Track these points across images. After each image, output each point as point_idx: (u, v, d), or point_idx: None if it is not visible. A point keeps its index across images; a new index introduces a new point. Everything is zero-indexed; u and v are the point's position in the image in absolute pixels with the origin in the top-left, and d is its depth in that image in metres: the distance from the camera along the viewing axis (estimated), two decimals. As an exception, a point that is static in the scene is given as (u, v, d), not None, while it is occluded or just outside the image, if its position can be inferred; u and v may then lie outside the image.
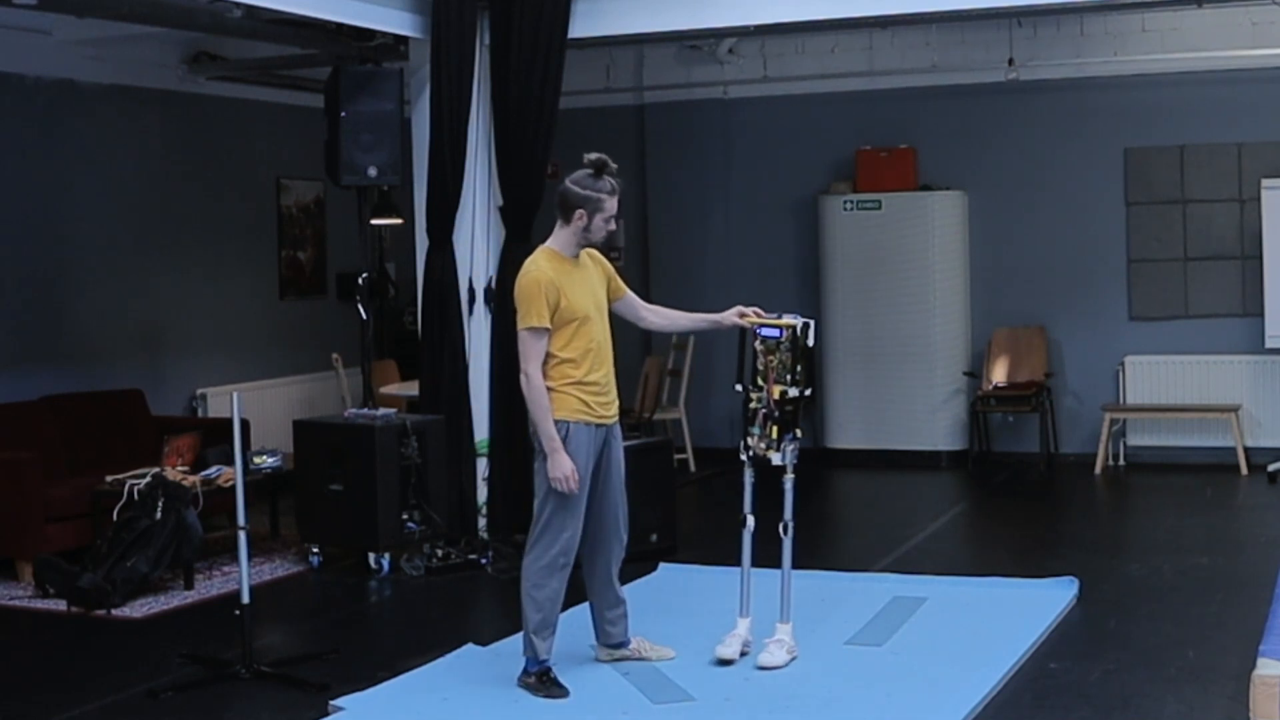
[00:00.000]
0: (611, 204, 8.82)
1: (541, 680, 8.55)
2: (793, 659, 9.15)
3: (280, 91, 16.36)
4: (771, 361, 9.21)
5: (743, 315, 9.28)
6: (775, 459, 9.19)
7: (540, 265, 8.58)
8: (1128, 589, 11.11)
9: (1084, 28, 16.56)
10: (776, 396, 9.20)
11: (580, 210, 8.69)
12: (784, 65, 17.71)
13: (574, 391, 8.57)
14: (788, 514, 9.24)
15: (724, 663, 9.08)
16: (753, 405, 9.30)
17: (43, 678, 9.58)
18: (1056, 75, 16.87)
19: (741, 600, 9.33)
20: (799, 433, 9.30)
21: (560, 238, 8.77)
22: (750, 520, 9.34)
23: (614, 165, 8.88)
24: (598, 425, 8.67)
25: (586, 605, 9.19)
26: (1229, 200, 16.39)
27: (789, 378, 9.17)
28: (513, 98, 12.99)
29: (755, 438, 9.28)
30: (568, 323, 8.57)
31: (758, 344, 9.25)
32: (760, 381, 9.26)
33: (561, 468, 8.40)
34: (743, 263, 17.84)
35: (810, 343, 9.28)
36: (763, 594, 9.63)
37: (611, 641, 9.15)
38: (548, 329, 8.49)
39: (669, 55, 17.97)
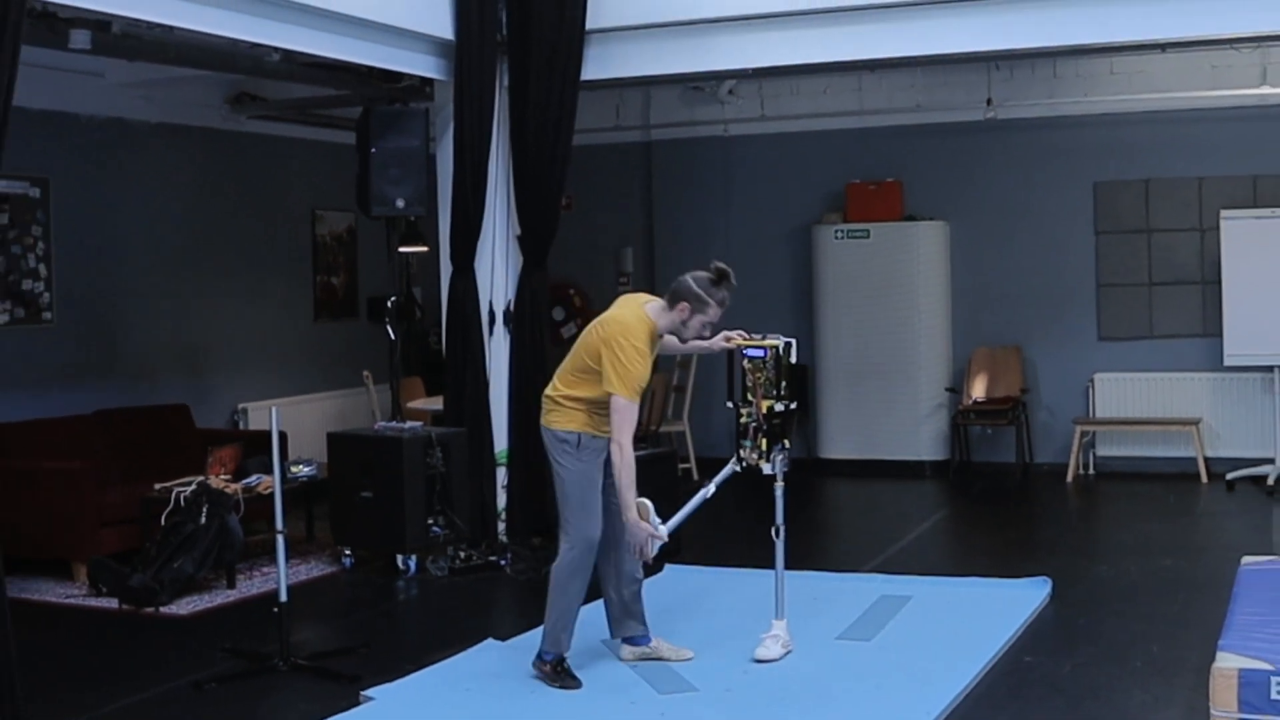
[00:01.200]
0: (715, 313, 8.86)
1: (556, 670, 8.54)
2: (787, 653, 9.15)
3: (315, 129, 16.36)
4: (759, 379, 9.19)
5: (729, 339, 9.27)
6: (766, 469, 9.18)
7: (644, 341, 8.57)
8: (1097, 589, 11.11)
9: (1057, 70, 16.57)
10: (764, 411, 9.19)
11: (685, 304, 8.71)
12: (780, 105, 17.72)
13: (586, 410, 8.58)
14: (779, 519, 9.24)
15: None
16: (743, 420, 9.30)
17: (96, 670, 9.58)
18: (1031, 114, 16.87)
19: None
20: (787, 444, 9.30)
21: (663, 317, 8.77)
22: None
23: (734, 280, 8.95)
24: (604, 438, 8.62)
25: (598, 605, 9.20)
26: (1190, 230, 16.38)
27: (775, 393, 9.18)
28: (530, 135, 13.01)
29: (747, 449, 9.27)
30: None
31: (745, 363, 9.23)
32: (749, 397, 9.25)
33: (638, 536, 8.45)
34: (742, 287, 17.61)
35: (793, 360, 9.32)
36: (759, 592, 9.65)
37: (629, 635, 9.11)
38: (640, 399, 8.56)
39: (674, 96, 17.97)
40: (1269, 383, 15.82)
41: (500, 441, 13.21)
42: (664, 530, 8.70)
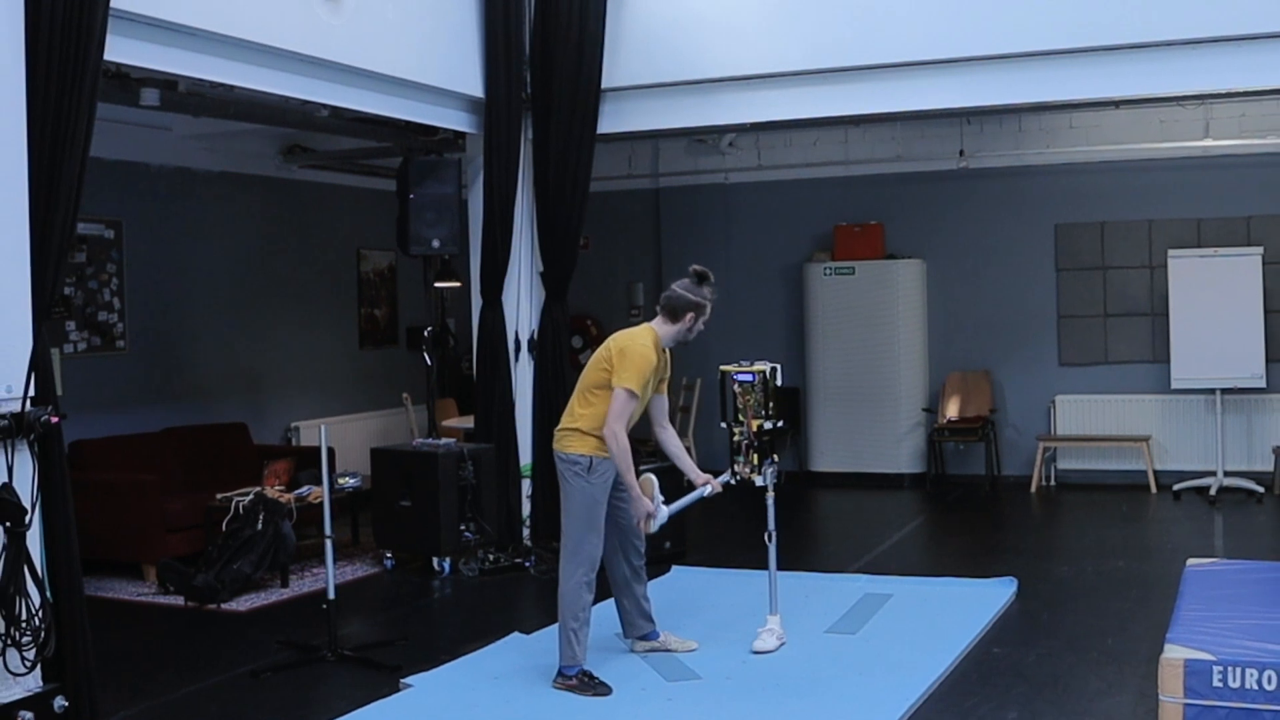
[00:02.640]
0: (709, 309, 8.87)
1: (584, 681, 8.39)
2: (781, 644, 9.16)
3: (359, 177, 16.38)
4: (748, 401, 9.29)
5: (710, 484, 9.04)
6: (758, 481, 9.24)
7: (650, 347, 8.53)
8: (1058, 587, 11.09)
9: (1021, 124, 16.58)
10: (755, 429, 9.28)
11: (691, 313, 8.71)
12: (774, 156, 17.73)
13: (598, 432, 8.51)
14: (770, 525, 9.25)
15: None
16: (736, 438, 9.37)
17: (164, 660, 9.59)
18: (999, 164, 16.86)
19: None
20: (776, 458, 9.36)
21: (665, 331, 8.73)
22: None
23: (712, 277, 8.95)
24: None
25: (608, 601, 9.23)
26: (1141, 267, 16.38)
27: (764, 413, 9.28)
28: (551, 183, 13.03)
29: (740, 464, 9.34)
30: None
31: (736, 387, 9.33)
32: (740, 418, 9.34)
33: (641, 511, 8.52)
34: (741, 319, 17.83)
35: (779, 384, 9.42)
36: (756, 591, 9.66)
37: (641, 633, 9.11)
38: (639, 398, 8.51)
39: (679, 148, 17.98)
40: (1211, 404, 15.80)
41: (525, 456, 13.21)
42: (664, 511, 8.73)
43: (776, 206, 17.96)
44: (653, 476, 8.80)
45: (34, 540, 7.83)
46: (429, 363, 13.22)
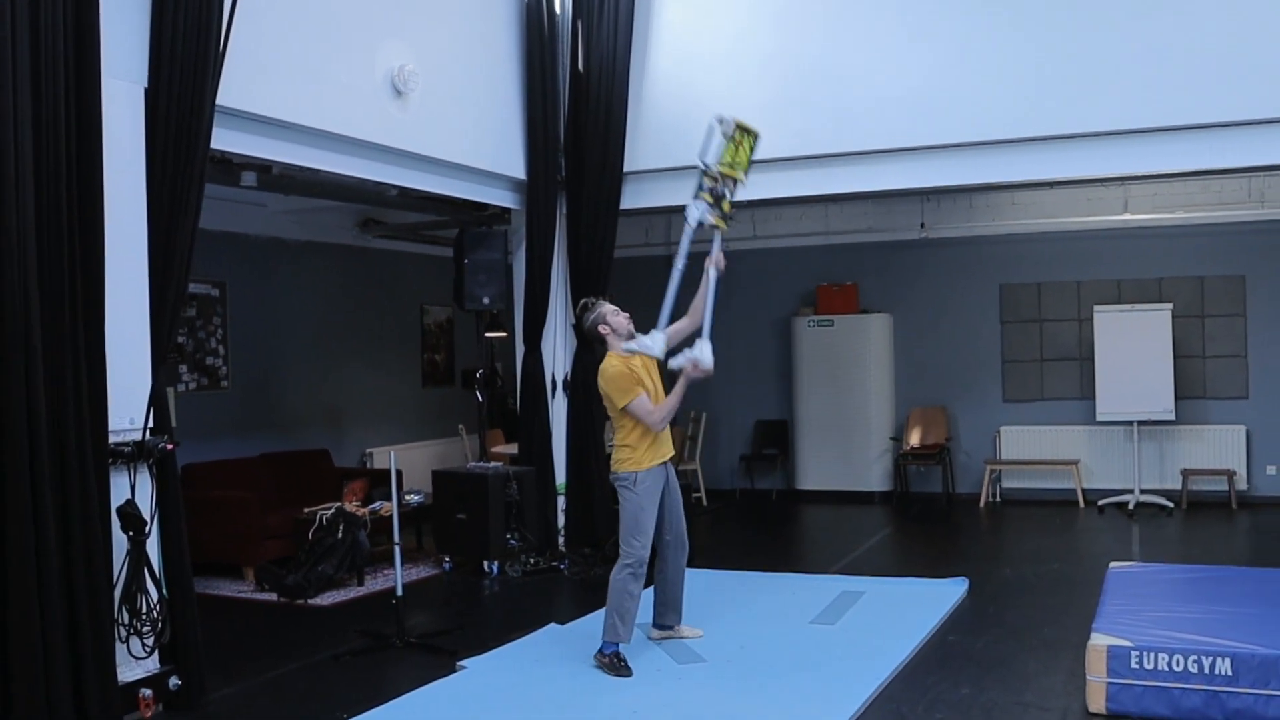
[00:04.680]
0: (603, 307, 8.87)
1: (614, 662, 8.35)
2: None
3: (422, 245, 16.40)
4: (739, 156, 9.15)
5: (715, 267, 9.28)
6: (721, 224, 9.21)
7: (616, 366, 8.49)
8: (1002, 586, 11.05)
9: (972, 202, 16.57)
10: (734, 177, 9.15)
11: (601, 325, 8.73)
12: (767, 227, 17.71)
13: (634, 446, 8.48)
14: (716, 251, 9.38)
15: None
16: (711, 184, 9.07)
17: (260, 646, 9.58)
18: (954, 234, 16.86)
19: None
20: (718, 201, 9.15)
21: (614, 346, 8.69)
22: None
23: (587, 301, 9.00)
24: (660, 465, 8.57)
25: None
26: (1071, 320, 16.36)
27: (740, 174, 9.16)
28: (581, 250, 13.05)
29: (711, 211, 9.15)
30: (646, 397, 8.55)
31: (734, 133, 9.08)
32: (721, 167, 9.05)
33: (692, 373, 8.38)
34: (740, 363, 17.80)
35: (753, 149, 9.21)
36: (752, 588, 9.61)
37: (665, 623, 9.05)
38: (644, 394, 8.48)
39: (688, 220, 17.99)
40: (1129, 433, 15.76)
41: (560, 476, 13.17)
42: (701, 346, 8.49)
43: (768, 269, 17.94)
44: (696, 354, 8.46)
45: (153, 546, 7.85)
46: (480, 399, 13.22)
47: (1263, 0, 11.01)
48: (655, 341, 8.64)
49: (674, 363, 8.45)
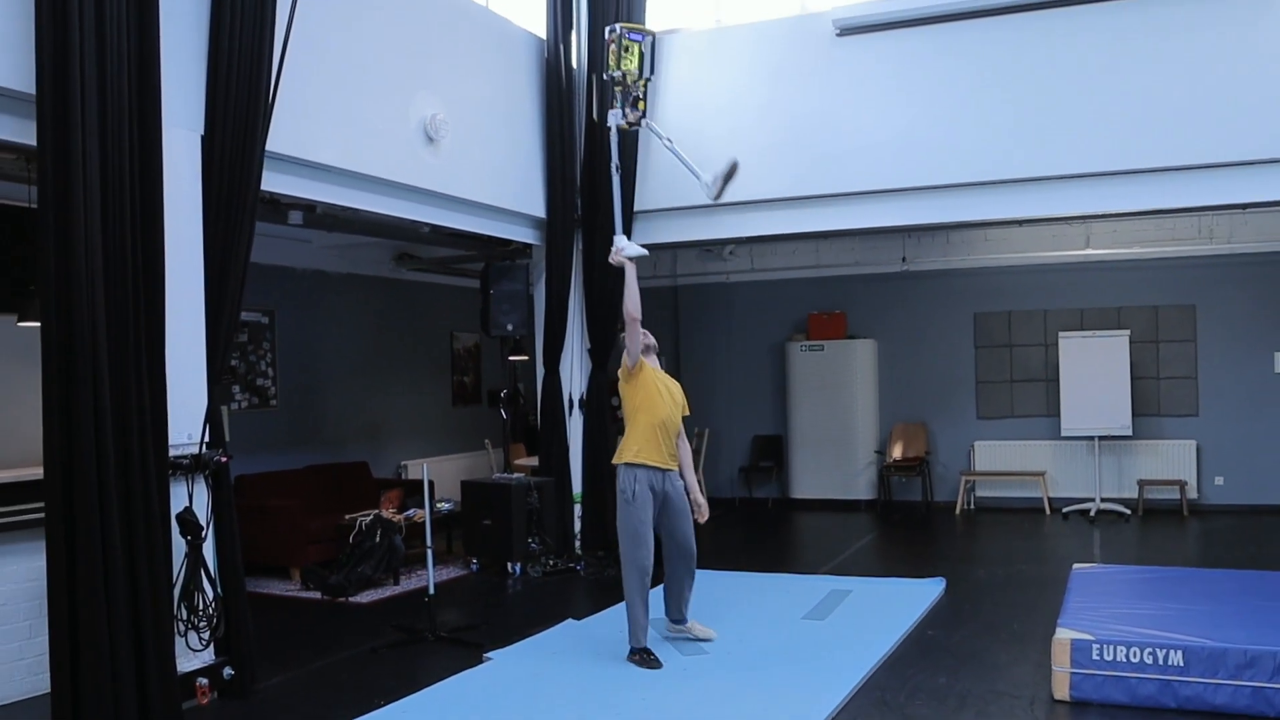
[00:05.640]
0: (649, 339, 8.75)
1: (642, 658, 8.30)
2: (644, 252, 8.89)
3: (452, 277, 16.42)
4: (630, 59, 8.91)
5: (699, 510, 8.80)
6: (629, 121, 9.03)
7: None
8: (976, 585, 11.03)
9: (949, 238, 16.58)
10: (635, 80, 8.98)
11: (624, 351, 8.61)
12: (764, 261, 17.73)
13: (640, 443, 8.40)
14: (615, 160, 9.17)
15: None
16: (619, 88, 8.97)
17: (305, 639, 9.58)
18: (932, 267, 16.87)
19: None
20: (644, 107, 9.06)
21: (646, 357, 8.68)
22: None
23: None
24: (655, 470, 8.41)
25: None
26: (1038, 345, 16.34)
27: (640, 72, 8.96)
28: (595, 282, 13.07)
29: (626, 115, 8.99)
30: (647, 400, 8.50)
31: (625, 42, 8.86)
32: (620, 66, 8.89)
33: (616, 259, 8.55)
34: (739, 384, 17.81)
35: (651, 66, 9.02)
36: (750, 588, 9.57)
37: (678, 618, 8.94)
38: (640, 356, 8.49)
39: (693, 255, 18.00)
40: (1091, 447, 15.75)
41: (576, 486, 13.18)
42: (621, 240, 8.60)
43: (765, 299, 17.95)
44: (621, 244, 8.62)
45: (208, 550, 7.87)
46: (504, 416, 13.24)
47: (1211, 60, 11.09)
48: (626, 243, 8.66)
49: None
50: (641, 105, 9.04)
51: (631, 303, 8.41)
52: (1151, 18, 11.33)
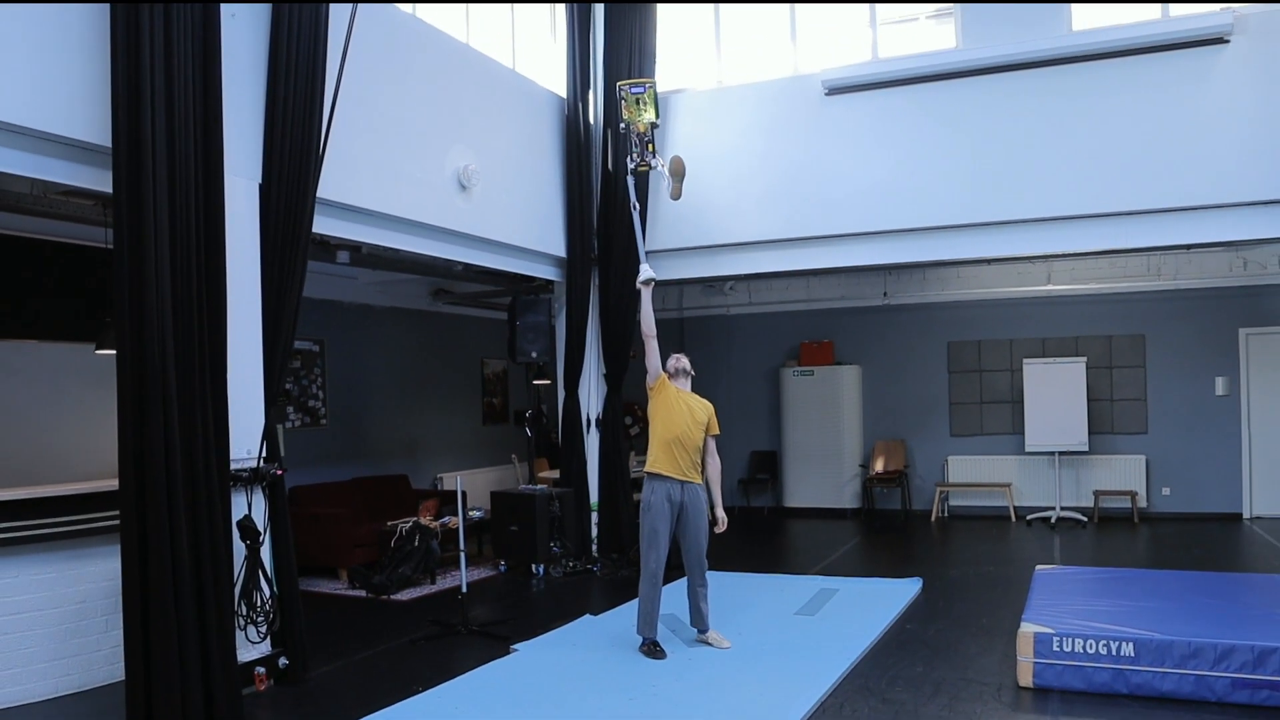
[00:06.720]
0: (673, 364, 8.71)
1: (649, 649, 8.29)
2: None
3: (483, 310, 16.44)
4: (636, 109, 8.79)
5: (718, 523, 8.67)
6: (651, 163, 8.92)
7: (662, 384, 8.50)
8: (950, 584, 10.98)
9: (925, 275, 16.58)
10: (641, 128, 8.86)
11: (664, 374, 8.56)
12: (760, 295, 17.74)
13: (659, 455, 8.34)
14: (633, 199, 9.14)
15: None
16: (631, 131, 8.88)
17: (352, 633, 9.55)
18: (910, 301, 16.85)
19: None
20: (653, 149, 8.89)
21: (677, 380, 8.67)
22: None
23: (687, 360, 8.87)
24: (672, 482, 8.31)
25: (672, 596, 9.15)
26: (1005, 370, 16.31)
27: (645, 115, 8.84)
28: (611, 314, 13.08)
29: (636, 159, 8.89)
30: (665, 416, 8.40)
31: (630, 95, 8.76)
32: (629, 117, 8.84)
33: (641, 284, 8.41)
34: (739, 405, 17.78)
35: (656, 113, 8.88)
36: (748, 587, 9.53)
37: (701, 627, 8.68)
38: (659, 372, 8.46)
39: (697, 290, 18.03)
40: (1051, 461, 15.71)
41: (593, 496, 13.15)
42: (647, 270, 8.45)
43: (761, 329, 17.93)
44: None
45: (266, 553, 7.86)
46: (529, 434, 13.22)
47: (1159, 116, 11.13)
48: (645, 269, 8.52)
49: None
50: (651, 147, 8.99)
51: (646, 323, 8.47)
52: (1105, 79, 11.36)
